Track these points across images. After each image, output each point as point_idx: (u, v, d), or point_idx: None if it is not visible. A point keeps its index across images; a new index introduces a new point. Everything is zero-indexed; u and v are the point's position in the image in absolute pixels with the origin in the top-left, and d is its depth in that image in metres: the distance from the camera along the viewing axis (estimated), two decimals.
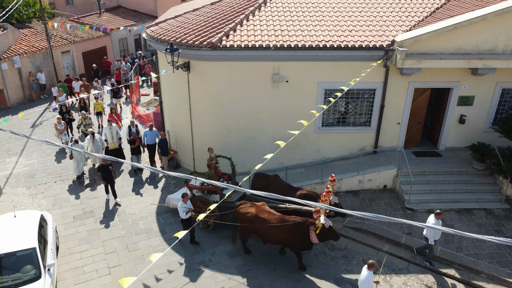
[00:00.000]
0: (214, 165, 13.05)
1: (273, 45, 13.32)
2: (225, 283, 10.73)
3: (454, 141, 15.43)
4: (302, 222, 10.53)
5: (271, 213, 10.93)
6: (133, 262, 11.35)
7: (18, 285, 9.27)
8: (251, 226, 10.93)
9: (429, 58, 13.29)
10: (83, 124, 17.58)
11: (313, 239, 10.41)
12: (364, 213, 4.70)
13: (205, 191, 12.64)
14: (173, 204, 13.08)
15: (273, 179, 12.87)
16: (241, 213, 11.20)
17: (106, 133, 16.08)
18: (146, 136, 16.07)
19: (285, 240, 10.82)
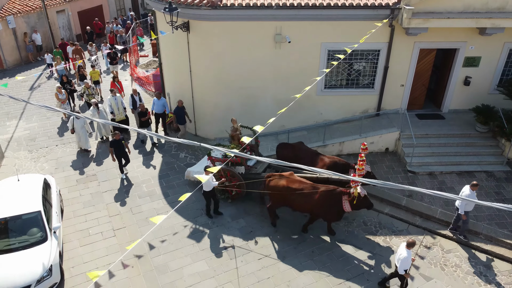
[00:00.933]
0: (238, 136, 12.39)
1: (275, 4, 12.86)
2: (228, 244, 10.94)
3: (458, 103, 15.25)
4: (334, 191, 10.38)
5: (302, 182, 10.73)
6: (137, 224, 11.53)
7: (25, 247, 9.45)
8: (282, 197, 10.79)
9: (436, 17, 12.88)
10: (86, 94, 16.59)
11: (346, 208, 10.26)
12: (400, 185, 4.57)
13: (229, 163, 12.06)
14: (193, 177, 12.59)
15: (299, 147, 12.46)
16: (271, 186, 10.95)
17: (111, 104, 15.10)
18: (154, 104, 15.35)
19: (317, 209, 10.59)
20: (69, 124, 14.18)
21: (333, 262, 10.45)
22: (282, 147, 12.68)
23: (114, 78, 17.22)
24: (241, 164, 12.04)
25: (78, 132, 14.21)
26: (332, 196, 10.35)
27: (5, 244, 9.50)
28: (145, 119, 14.75)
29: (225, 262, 10.40)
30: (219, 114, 14.85)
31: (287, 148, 12.54)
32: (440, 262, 10.50)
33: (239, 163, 12.00)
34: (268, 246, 10.90)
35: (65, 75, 17.47)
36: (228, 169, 11.94)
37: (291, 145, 12.63)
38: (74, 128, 14.09)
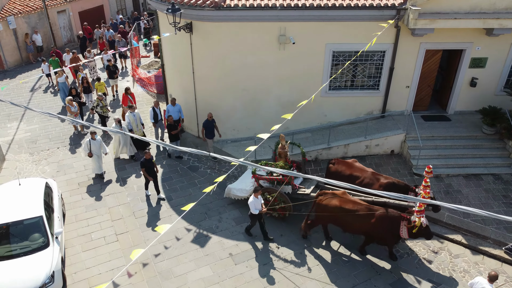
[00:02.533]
0: (285, 154, 11.60)
1: (279, 5, 12.68)
2: (232, 249, 10.78)
3: (463, 104, 15.07)
4: (392, 214, 9.74)
5: (356, 203, 10.11)
6: (140, 229, 11.37)
7: (27, 253, 9.28)
8: (332, 216, 10.23)
9: (443, 18, 12.70)
10: (99, 106, 15.25)
11: (403, 234, 9.64)
12: (464, 207, 4.22)
13: (275, 182, 11.37)
14: (234, 195, 12.01)
15: (352, 164, 11.64)
16: (322, 204, 10.34)
17: (130, 120, 14.05)
18: (168, 111, 14.49)
19: (372, 232, 9.99)
20: (84, 148, 12.89)
21: (340, 268, 10.29)
22: (334, 163, 11.82)
23: (127, 90, 15.82)
24: (288, 183, 11.24)
25: (96, 154, 12.88)
26: (390, 221, 9.69)
27: (7, 250, 9.34)
28: (175, 132, 13.88)
29: (230, 268, 10.24)
30: (222, 116, 14.68)
31: (341, 165, 11.69)
32: (448, 268, 10.33)
33: (286, 182, 11.17)
34: (274, 251, 10.74)
35: (74, 87, 16.17)
36: (273, 189, 11.28)
37: (345, 162, 11.77)
38: (92, 151, 12.81)
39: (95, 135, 12.89)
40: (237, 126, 14.95)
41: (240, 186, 11.97)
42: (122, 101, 16.13)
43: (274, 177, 11.25)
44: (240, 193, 11.90)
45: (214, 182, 6.18)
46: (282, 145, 11.74)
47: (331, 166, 11.80)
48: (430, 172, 9.30)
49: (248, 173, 12.32)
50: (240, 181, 12.33)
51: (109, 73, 18.40)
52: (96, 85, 17.11)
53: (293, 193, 11.30)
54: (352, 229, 10.33)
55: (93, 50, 22.79)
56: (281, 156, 11.68)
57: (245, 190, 11.82)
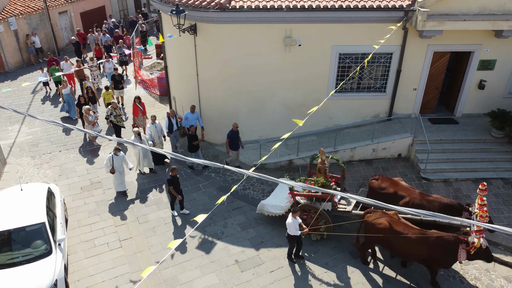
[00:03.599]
0: (324, 169, 10.68)
1: (285, 6, 12.47)
2: (238, 256, 10.57)
3: (471, 107, 14.85)
4: (450, 238, 9.05)
5: (407, 226, 9.39)
6: (144, 235, 11.15)
7: (29, 261, 9.08)
8: (379, 237, 9.57)
9: (451, 19, 12.50)
10: (113, 115, 14.54)
11: (461, 257, 8.99)
12: None
13: (313, 199, 10.72)
14: (268, 212, 11.37)
15: (397, 182, 10.85)
16: (370, 223, 9.72)
17: (151, 132, 13.48)
18: (187, 119, 13.92)
19: (425, 257, 9.27)
20: (106, 164, 12.12)
21: (348, 275, 10.07)
22: (378, 179, 11.05)
23: (136, 99, 14.90)
24: (328, 200, 10.58)
25: (118, 170, 12.19)
26: (447, 244, 9.01)
27: (8, 258, 9.13)
28: (196, 142, 13.33)
29: (236, 275, 10.03)
30: (227, 119, 14.46)
31: (385, 181, 10.92)
32: (459, 275, 10.11)
33: (325, 198, 10.50)
34: (280, 258, 10.52)
35: (83, 96, 15.54)
36: (312, 206, 10.63)
37: (390, 179, 10.99)
38: (114, 167, 12.16)
39: (119, 151, 12.17)
40: (241, 129, 14.64)
41: (274, 202, 11.28)
42: (132, 111, 15.23)
43: (313, 194, 10.54)
44: (274, 209, 11.22)
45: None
46: (322, 160, 10.71)
47: (374, 182, 11.05)
48: (484, 189, 8.71)
49: (281, 188, 11.69)
50: (273, 197, 11.59)
51: (114, 83, 17.20)
52: (103, 94, 16.44)
53: (333, 210, 10.65)
54: (403, 253, 9.57)
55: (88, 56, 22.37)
56: (320, 171, 10.71)
57: (280, 206, 11.17)
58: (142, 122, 15.12)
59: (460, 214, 9.82)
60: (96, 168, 13.83)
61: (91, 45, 23.18)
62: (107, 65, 18.87)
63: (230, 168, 4.92)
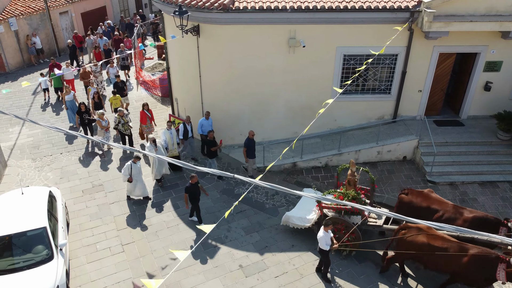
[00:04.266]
0: (354, 181, 10.35)
1: (289, 7, 12.32)
2: (242, 261, 10.40)
3: (477, 109, 14.69)
4: (490, 255, 8.55)
5: (445, 240, 8.96)
6: (146, 239, 10.99)
7: (30, 266, 8.92)
8: (414, 254, 9.18)
9: (458, 21, 12.34)
10: (121, 123, 14.00)
11: (500, 277, 8.45)
12: None
13: (342, 212, 10.29)
14: (293, 224, 10.94)
15: (429, 195, 10.32)
16: (406, 241, 9.27)
17: (166, 138, 13.14)
18: (202, 125, 13.52)
19: (461, 272, 8.85)
20: (124, 172, 11.77)
21: (354, 280, 9.91)
22: (407, 193, 10.48)
23: (144, 106, 14.40)
24: (356, 213, 10.22)
25: (136, 178, 11.84)
26: (486, 262, 8.54)
27: (9, 263, 8.98)
28: (214, 149, 12.95)
29: (240, 281, 9.87)
30: (230, 121, 14.32)
31: (415, 195, 10.36)
32: None
33: (355, 212, 10.16)
34: (285, 263, 10.36)
35: (83, 103, 14.69)
36: (341, 219, 10.21)
37: (420, 192, 10.43)
38: (132, 175, 11.77)
39: (138, 159, 11.84)
40: (244, 131, 14.50)
41: (300, 214, 10.85)
42: (140, 119, 14.58)
43: (342, 206, 10.08)
44: (300, 222, 10.80)
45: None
46: (352, 172, 10.33)
47: (404, 196, 10.48)
48: None
49: (306, 199, 11.30)
50: (298, 208, 11.16)
51: (117, 90, 16.43)
52: (110, 99, 15.88)
53: (363, 224, 10.23)
54: (438, 268, 9.16)
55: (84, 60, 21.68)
56: (350, 184, 10.32)
57: (306, 219, 10.74)
58: (149, 130, 14.57)
59: (497, 229, 9.35)
60: (97, 171, 13.67)
61: (88, 49, 22.61)
62: (111, 71, 18.34)
63: (241, 178, 4.76)
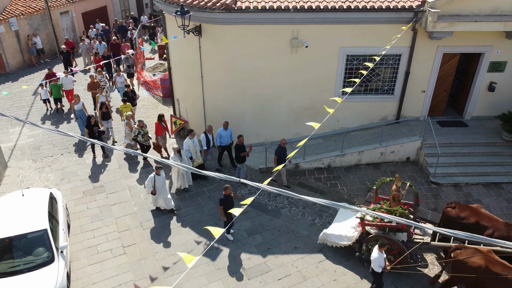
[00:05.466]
0: (399, 197, 9.86)
1: (292, 7, 12.21)
2: (245, 263, 10.30)
3: (481, 110, 14.57)
4: None
5: (506, 266, 8.14)
6: (148, 241, 10.89)
7: (31, 269, 8.82)
8: (469, 277, 8.47)
9: (462, 21, 12.23)
10: (141, 134, 13.48)
11: None
12: None
13: (386, 229, 9.73)
14: (332, 242, 10.42)
15: (478, 210, 9.72)
16: (462, 262, 8.57)
17: (189, 147, 12.55)
18: (220, 136, 13.05)
19: None
20: (148, 185, 11.21)
21: (358, 283, 9.80)
22: (454, 207, 9.97)
23: (161, 118, 13.75)
24: (402, 230, 9.64)
25: (159, 190, 11.37)
26: None
27: (10, 266, 8.87)
28: (244, 154, 12.60)
29: (243, 283, 9.76)
30: (232, 122, 14.15)
31: (463, 210, 9.77)
32: None
33: (400, 229, 9.58)
34: (288, 265, 10.26)
35: (92, 116, 13.79)
36: (385, 237, 9.56)
37: (469, 207, 9.84)
38: (156, 188, 11.30)
39: (161, 169, 11.33)
40: (246, 132, 14.40)
41: (339, 232, 10.30)
42: (155, 130, 14.01)
43: (386, 223, 9.52)
44: (339, 240, 10.27)
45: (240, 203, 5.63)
46: (397, 187, 9.89)
47: (450, 210, 9.97)
48: None
49: (343, 215, 10.78)
50: (337, 226, 10.57)
51: (127, 100, 15.63)
52: (121, 107, 15.22)
53: (409, 241, 9.67)
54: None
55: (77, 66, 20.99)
56: (395, 199, 9.85)
57: (346, 237, 10.18)
58: (164, 141, 14.16)
59: None
60: (98, 172, 13.57)
61: (83, 55, 21.94)
62: (118, 80, 17.39)
63: (247, 182, 4.65)
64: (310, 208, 12.16)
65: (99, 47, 21.01)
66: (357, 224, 10.14)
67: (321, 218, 11.79)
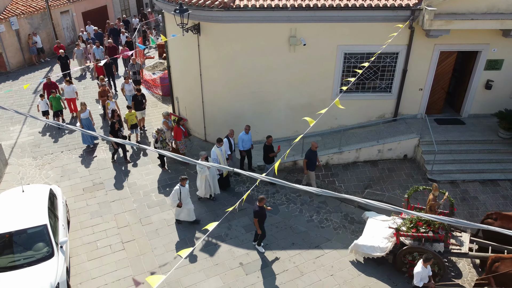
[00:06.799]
0: (435, 207, 9.79)
1: (290, 5, 12.31)
2: (243, 258, 10.40)
3: (478, 108, 14.67)
4: None
5: None
6: (147, 237, 10.99)
7: (31, 263, 8.92)
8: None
9: (459, 19, 12.32)
10: (160, 141, 13.34)
11: None
12: None
13: (422, 240, 9.48)
14: (364, 253, 10.14)
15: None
16: (505, 274, 8.26)
17: (217, 155, 12.11)
18: (243, 140, 12.80)
19: None
20: (173, 198, 10.81)
21: (354, 278, 9.90)
22: (496, 219, 9.63)
23: (179, 122, 13.57)
24: (439, 241, 9.39)
25: (184, 201, 10.99)
26: None
27: (10, 261, 8.98)
28: (272, 154, 12.54)
29: (241, 278, 9.86)
30: (230, 120, 14.31)
31: (507, 221, 9.40)
32: (467, 278, 9.93)
33: (437, 239, 9.35)
34: (285, 261, 10.36)
35: (116, 121, 13.60)
36: (421, 249, 9.38)
37: (510, 217, 9.56)
38: (181, 199, 10.94)
39: (186, 181, 10.94)
40: None
41: (372, 243, 9.96)
42: (174, 135, 13.72)
43: (422, 234, 9.35)
44: (372, 251, 9.94)
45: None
46: (434, 197, 9.75)
47: (492, 222, 9.61)
48: None
49: (373, 225, 10.53)
50: (368, 236, 10.24)
51: (135, 104, 15.21)
52: (126, 115, 14.58)
53: (446, 252, 9.48)
54: None
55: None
56: (431, 209, 9.73)
57: (379, 247, 9.87)
58: (184, 146, 14.04)
59: None
60: (98, 169, 13.68)
61: (77, 60, 20.96)
62: (127, 87, 16.46)
63: (240, 172, 4.74)
64: (308, 205, 12.26)
65: (96, 52, 20.36)
66: (391, 235, 9.92)
67: (318, 214, 11.89)
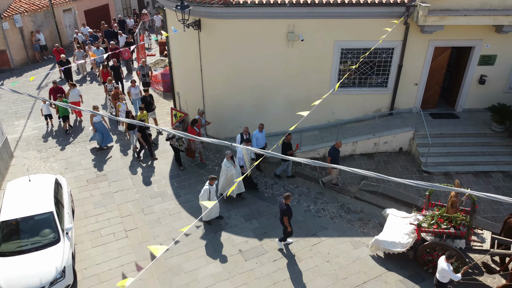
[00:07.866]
0: (457, 203, 9.66)
1: (288, 1, 12.66)
2: (242, 246, 10.75)
3: (472, 102, 15.00)
4: None
5: None
6: (149, 225, 11.35)
7: (38, 248, 9.30)
8: None
9: (452, 15, 12.66)
10: (175, 138, 13.45)
11: None
12: None
13: (444, 236, 9.47)
14: (386, 249, 10.14)
15: None
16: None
17: (242, 155, 12.17)
18: (257, 139, 12.79)
19: None
20: (203, 197, 10.70)
21: (350, 264, 10.25)
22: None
23: (193, 123, 13.37)
24: (460, 237, 9.40)
25: (213, 198, 10.88)
26: None
27: (18, 246, 9.36)
28: (291, 152, 12.49)
29: (240, 264, 10.22)
30: (230, 114, 14.67)
31: None
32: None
33: (459, 236, 9.35)
34: (283, 248, 10.70)
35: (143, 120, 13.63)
36: (442, 245, 9.42)
37: None
38: (210, 199, 10.77)
39: (215, 180, 10.93)
40: (244, 124, 14.85)
41: (393, 239, 10.01)
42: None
43: (443, 230, 9.39)
44: (392, 247, 10.01)
45: None
46: (456, 193, 9.60)
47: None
48: None
49: (396, 221, 10.50)
50: (389, 232, 10.26)
51: (145, 105, 14.99)
52: (138, 116, 14.22)
53: (467, 249, 9.51)
54: None
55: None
56: (453, 206, 9.65)
57: (400, 243, 9.92)
58: (199, 146, 13.99)
59: None
60: (101, 162, 14.04)
61: (79, 66, 20.78)
62: (133, 91, 16.16)
63: (237, 146, 5.05)
64: (305, 195, 12.62)
65: (96, 53, 19.81)
66: (411, 231, 9.98)
67: (315, 204, 12.24)
